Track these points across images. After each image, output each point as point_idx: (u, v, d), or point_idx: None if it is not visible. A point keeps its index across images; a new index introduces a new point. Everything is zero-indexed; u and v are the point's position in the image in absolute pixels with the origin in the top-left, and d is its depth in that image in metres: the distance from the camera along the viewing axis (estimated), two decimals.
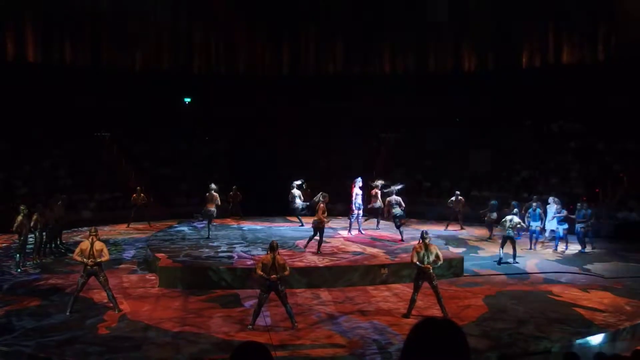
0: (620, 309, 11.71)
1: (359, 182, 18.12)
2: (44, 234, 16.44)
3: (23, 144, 26.70)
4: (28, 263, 15.53)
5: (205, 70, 29.46)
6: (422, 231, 11.52)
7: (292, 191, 19.90)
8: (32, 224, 15.42)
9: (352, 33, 28.99)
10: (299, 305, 11.78)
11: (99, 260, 11.05)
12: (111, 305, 11.34)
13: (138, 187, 22.16)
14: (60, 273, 14.61)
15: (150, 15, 27.49)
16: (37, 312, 11.34)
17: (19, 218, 14.88)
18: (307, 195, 19.92)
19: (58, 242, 18.01)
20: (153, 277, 14.16)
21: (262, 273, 10.46)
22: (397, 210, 17.29)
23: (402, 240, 17.11)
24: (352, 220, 18.39)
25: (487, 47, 29.41)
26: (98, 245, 11.11)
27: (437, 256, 11.19)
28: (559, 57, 28.96)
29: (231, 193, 22.42)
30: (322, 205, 15.73)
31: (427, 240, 11.19)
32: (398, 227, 17.37)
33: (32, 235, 15.84)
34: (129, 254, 17.49)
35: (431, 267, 11.07)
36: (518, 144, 28.59)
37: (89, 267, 11.00)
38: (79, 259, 11.09)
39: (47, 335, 10.06)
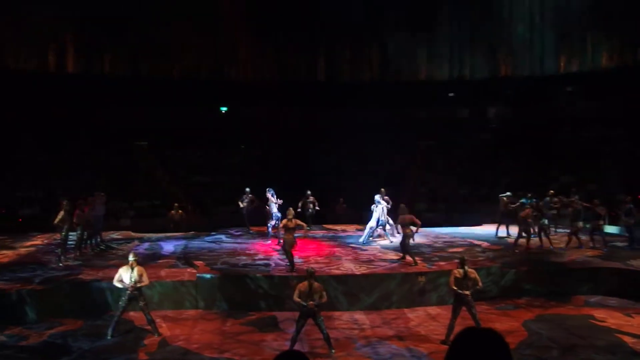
0: None
1: (270, 192, 18.48)
2: (85, 231, 16.64)
3: (64, 153, 27.30)
4: (69, 257, 15.70)
5: (242, 78, 29.60)
6: (461, 257, 11.38)
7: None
8: (74, 220, 15.61)
9: (387, 40, 28.95)
10: (336, 329, 11.77)
11: (139, 285, 11.20)
12: (150, 328, 11.49)
13: (176, 204, 22.43)
14: (99, 267, 14.69)
15: (189, 25, 27.91)
16: (92, 333, 11.59)
17: (62, 213, 15.04)
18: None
19: (98, 240, 18.27)
20: (193, 272, 14.23)
21: (299, 300, 10.47)
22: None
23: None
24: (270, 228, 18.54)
25: (524, 52, 29.04)
26: (138, 270, 11.26)
27: (476, 282, 11.07)
28: (598, 61, 28.37)
29: (267, 209, 22.47)
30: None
31: (466, 267, 11.06)
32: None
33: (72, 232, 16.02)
34: (168, 249, 17.69)
35: (470, 294, 10.95)
36: (555, 149, 28.13)
37: (129, 292, 11.16)
38: (119, 284, 11.26)
39: (103, 357, 10.31)
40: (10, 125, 27.62)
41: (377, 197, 18.01)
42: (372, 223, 18.35)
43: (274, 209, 18.12)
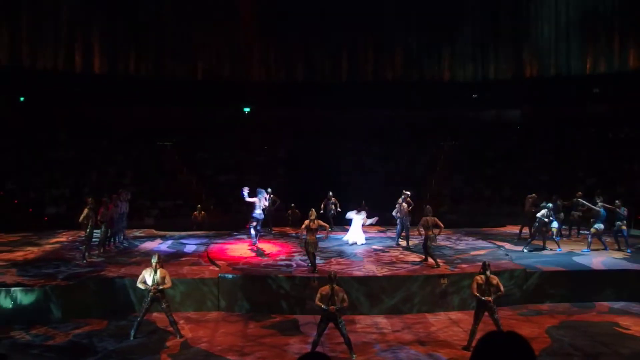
0: None
1: (261, 193, 17.52)
2: (109, 229, 16.85)
3: (89, 153, 27.67)
4: (93, 254, 15.89)
5: (265, 78, 29.74)
6: (484, 262, 11.30)
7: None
8: (99, 217, 15.80)
9: (410, 40, 28.81)
10: (357, 333, 11.77)
11: (161, 287, 11.30)
12: (173, 330, 11.59)
13: (199, 205, 22.71)
14: (122, 264, 14.90)
15: (210, 26, 28.10)
16: (117, 333, 11.75)
17: (86, 211, 15.17)
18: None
19: (122, 237, 18.47)
20: (215, 270, 14.39)
21: (320, 304, 10.48)
22: None
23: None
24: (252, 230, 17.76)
25: (549, 52, 28.73)
26: (161, 272, 11.37)
27: (498, 287, 10.99)
28: (625, 61, 27.96)
29: (289, 211, 22.64)
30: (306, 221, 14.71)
31: (488, 272, 10.98)
32: None
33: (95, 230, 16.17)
34: (190, 248, 17.85)
35: (492, 300, 10.87)
36: (582, 152, 27.80)
37: (151, 293, 11.27)
38: (142, 286, 11.38)
39: (128, 358, 10.45)
40: (44, 125, 28.12)
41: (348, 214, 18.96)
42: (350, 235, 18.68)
43: (257, 210, 17.35)
